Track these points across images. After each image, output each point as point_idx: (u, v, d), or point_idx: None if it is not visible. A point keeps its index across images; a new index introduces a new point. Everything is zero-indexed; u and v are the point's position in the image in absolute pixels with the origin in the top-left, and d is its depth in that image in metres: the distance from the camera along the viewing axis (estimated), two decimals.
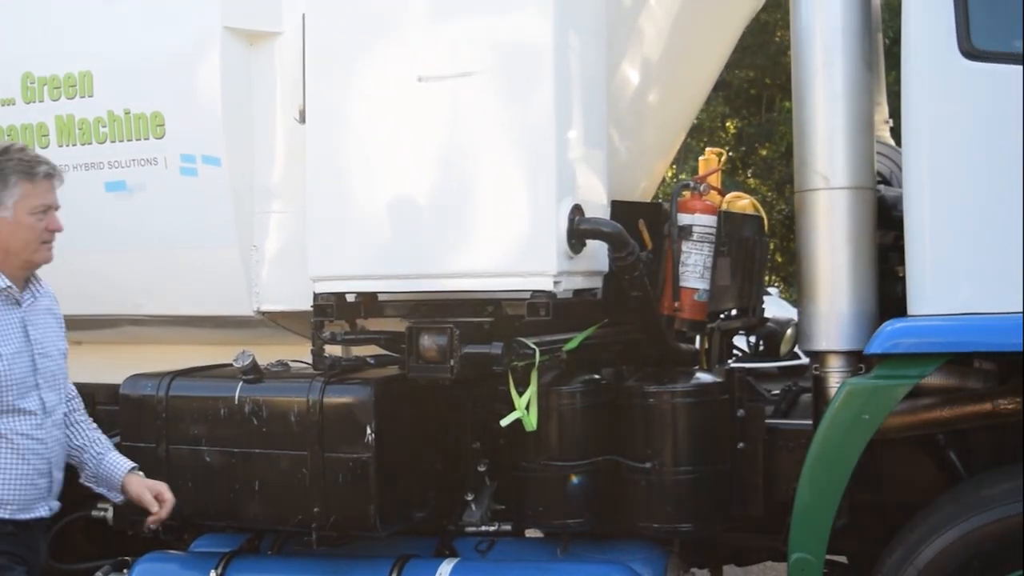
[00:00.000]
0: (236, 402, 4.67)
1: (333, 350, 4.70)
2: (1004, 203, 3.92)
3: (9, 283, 3.78)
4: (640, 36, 5.07)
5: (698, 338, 5.22)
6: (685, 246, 4.71)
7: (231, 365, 4.73)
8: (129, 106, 5.02)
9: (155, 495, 3.99)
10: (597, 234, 4.32)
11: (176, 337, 5.50)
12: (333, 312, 4.57)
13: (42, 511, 3.82)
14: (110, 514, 5.22)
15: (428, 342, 4.33)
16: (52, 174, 3.82)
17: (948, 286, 4.01)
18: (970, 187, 4.00)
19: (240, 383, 4.70)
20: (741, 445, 4.70)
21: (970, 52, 3.95)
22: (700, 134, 16.92)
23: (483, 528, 4.86)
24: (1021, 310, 3.88)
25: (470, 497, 4.86)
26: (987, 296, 3.96)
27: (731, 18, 5.63)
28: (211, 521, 4.95)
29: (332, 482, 4.49)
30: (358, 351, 4.79)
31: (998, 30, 4.07)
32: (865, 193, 4.33)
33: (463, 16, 4.41)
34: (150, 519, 4.03)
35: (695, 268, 4.71)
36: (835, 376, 4.32)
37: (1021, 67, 3.93)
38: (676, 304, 4.74)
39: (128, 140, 5.04)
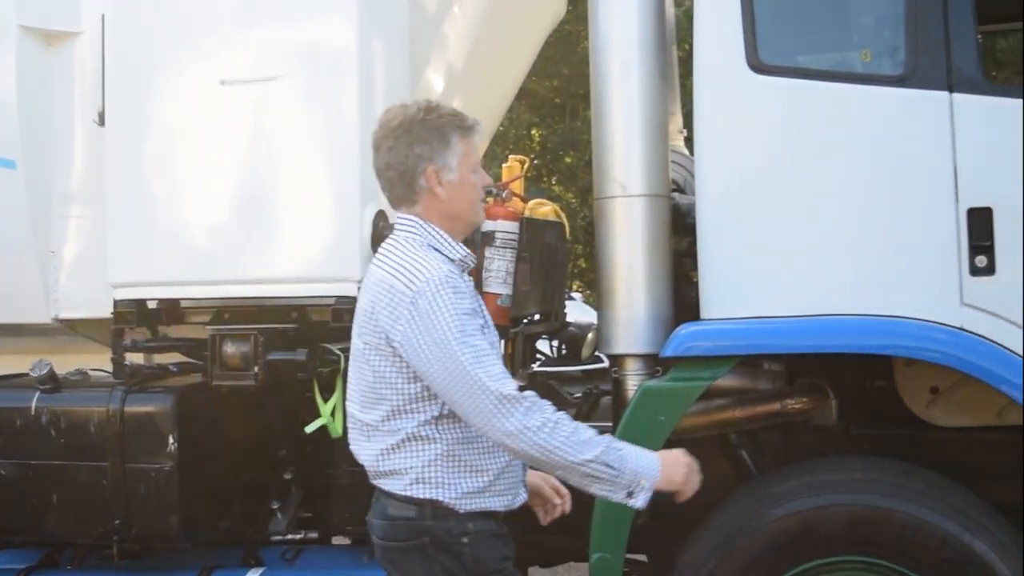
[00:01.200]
0: (33, 413, 4.55)
1: (135, 358, 4.63)
2: (790, 211, 4.08)
3: (466, 251, 3.36)
4: (444, 43, 5.12)
5: (501, 343, 5.28)
6: (488, 252, 4.76)
7: (28, 375, 4.60)
8: None
9: (551, 486, 3.68)
10: None
11: None
12: (134, 319, 4.49)
13: (523, 495, 3.46)
14: None
15: (231, 349, 4.30)
16: (476, 124, 3.38)
17: (739, 291, 4.14)
18: (758, 195, 4.14)
19: (37, 393, 4.58)
20: None
21: (758, 66, 4.10)
22: (506, 142, 17.07)
23: (289, 536, 4.83)
24: (807, 313, 4.05)
25: (276, 505, 4.82)
26: (776, 300, 4.11)
27: (534, 28, 5.73)
28: (9, 536, 4.80)
29: (134, 493, 4.41)
30: (160, 359, 4.71)
31: (784, 46, 4.24)
32: (660, 201, 4.43)
33: (267, 20, 4.40)
34: (555, 512, 3.72)
35: (498, 274, 4.77)
36: (633, 379, 4.39)
37: (805, 80, 4.12)
38: None
39: None
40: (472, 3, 5.15)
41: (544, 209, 5.63)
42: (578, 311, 7.40)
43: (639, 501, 3.24)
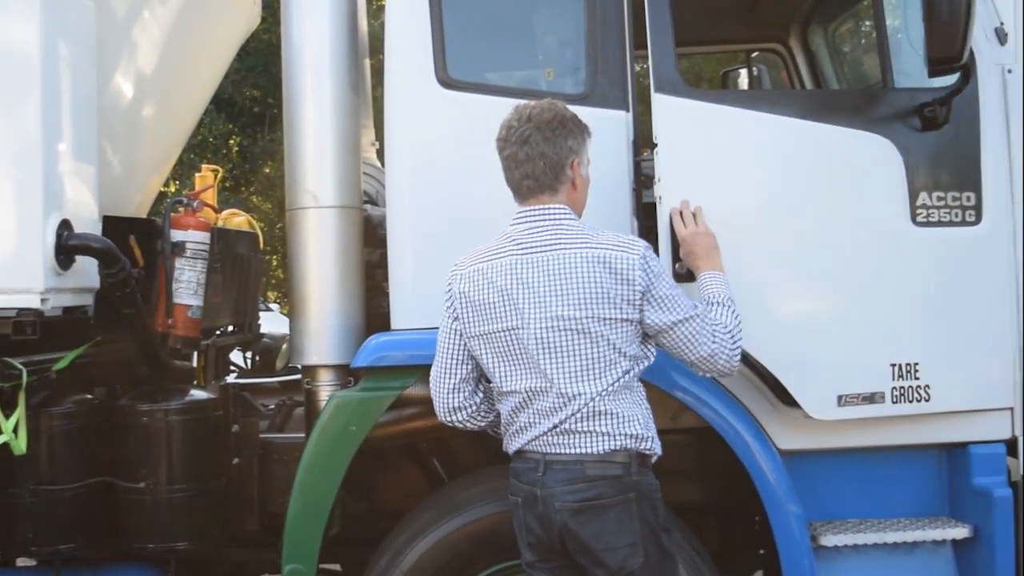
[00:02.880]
0: None
1: None
2: (477, 223, 4.14)
3: None
4: (134, 49, 5.00)
5: (194, 355, 5.21)
6: (178, 263, 4.69)
7: None
8: None
9: None
10: (86, 250, 4.24)
11: None
12: None
13: None
14: None
15: None
16: None
17: (428, 301, 4.17)
18: (447, 208, 4.22)
19: None
20: (236, 460, 4.72)
21: (446, 81, 4.20)
22: (205, 151, 16.76)
23: None
24: None
25: None
26: None
27: (226, 36, 5.66)
28: None
29: None
30: None
31: (473, 62, 4.36)
32: (352, 212, 4.47)
33: None
34: None
35: (188, 285, 4.71)
36: (325, 389, 4.42)
37: (492, 96, 4.21)
38: (170, 321, 4.73)
39: None
40: (163, 9, 5.05)
41: (238, 219, 5.58)
42: (275, 322, 7.35)
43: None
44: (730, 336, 3.52)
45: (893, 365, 4.11)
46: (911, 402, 4.12)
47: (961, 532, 4.21)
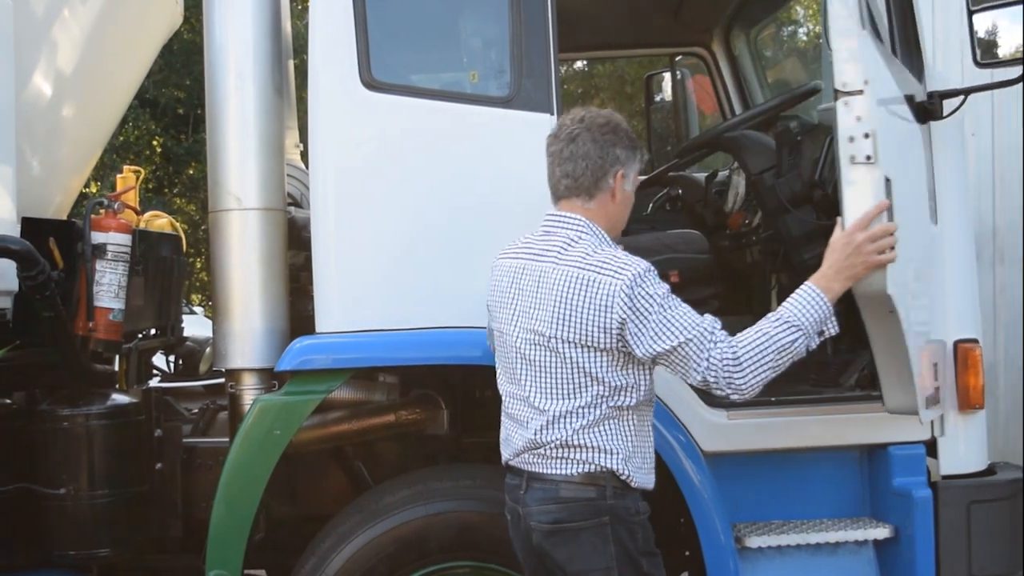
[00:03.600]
0: None
1: None
2: (402, 226, 4.17)
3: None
4: (53, 49, 4.93)
5: (116, 359, 5.15)
6: (99, 265, 4.63)
7: None
8: None
9: None
10: (4, 252, 4.20)
11: None
12: None
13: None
14: None
15: None
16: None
17: (353, 304, 4.19)
18: (371, 211, 4.19)
19: None
20: (159, 465, 4.68)
21: (371, 83, 4.17)
22: (128, 152, 16.57)
23: None
24: (421, 326, 4.15)
25: None
26: (389, 314, 4.18)
27: (147, 36, 5.60)
28: None
29: None
30: None
31: (397, 64, 4.34)
32: (276, 214, 4.44)
33: None
34: None
35: (110, 287, 4.65)
36: (249, 393, 4.38)
37: (416, 99, 4.23)
38: (91, 324, 4.65)
39: None
40: (83, 8, 4.99)
41: (160, 221, 5.53)
42: (199, 325, 7.28)
43: (832, 330, 3.32)
44: (735, 365, 3.19)
45: None
46: None
47: (882, 532, 4.27)
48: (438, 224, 4.18)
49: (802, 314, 3.24)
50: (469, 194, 4.18)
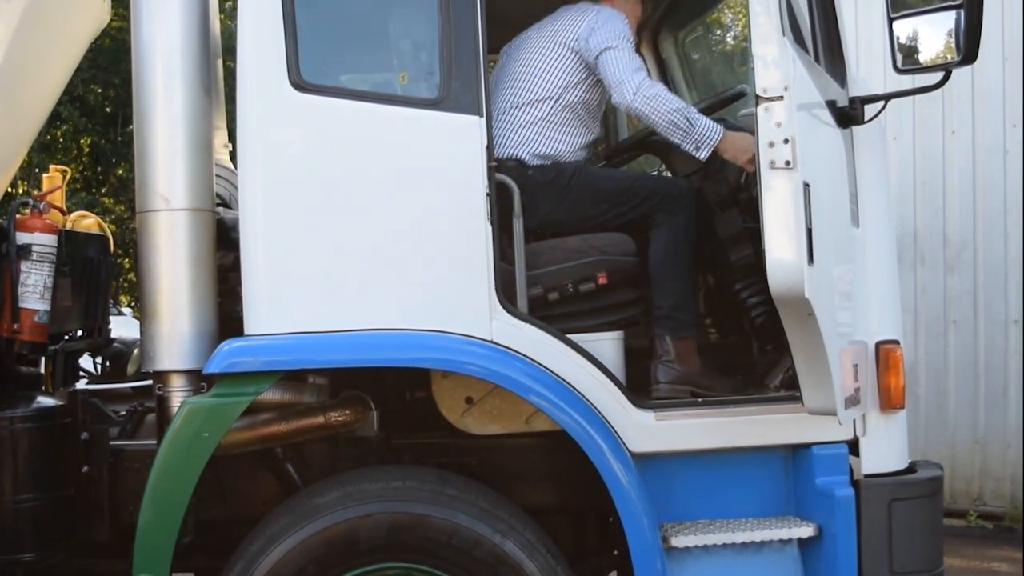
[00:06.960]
0: None
1: None
2: (331, 228, 4.17)
3: None
4: None
5: (41, 360, 5.09)
6: (24, 266, 4.59)
7: None
8: None
9: None
10: None
11: None
12: None
13: None
14: None
15: None
16: None
17: (282, 306, 4.16)
18: (300, 212, 4.18)
19: None
20: (86, 468, 4.63)
21: (299, 84, 4.16)
22: (55, 151, 16.35)
23: None
24: (351, 328, 4.15)
25: None
26: (319, 316, 4.17)
27: (74, 35, 5.53)
28: None
29: None
30: None
31: (326, 65, 4.34)
32: (205, 215, 4.41)
33: None
34: None
35: (35, 289, 4.61)
36: (177, 395, 4.33)
37: (345, 100, 4.23)
38: (16, 326, 4.61)
39: None
40: (7, 7, 4.91)
41: (87, 222, 5.48)
42: (128, 327, 7.22)
43: (703, 154, 4.50)
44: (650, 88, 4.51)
45: None
46: None
47: (806, 531, 4.33)
48: (367, 226, 4.18)
49: (702, 124, 4.47)
50: (398, 196, 4.19)
